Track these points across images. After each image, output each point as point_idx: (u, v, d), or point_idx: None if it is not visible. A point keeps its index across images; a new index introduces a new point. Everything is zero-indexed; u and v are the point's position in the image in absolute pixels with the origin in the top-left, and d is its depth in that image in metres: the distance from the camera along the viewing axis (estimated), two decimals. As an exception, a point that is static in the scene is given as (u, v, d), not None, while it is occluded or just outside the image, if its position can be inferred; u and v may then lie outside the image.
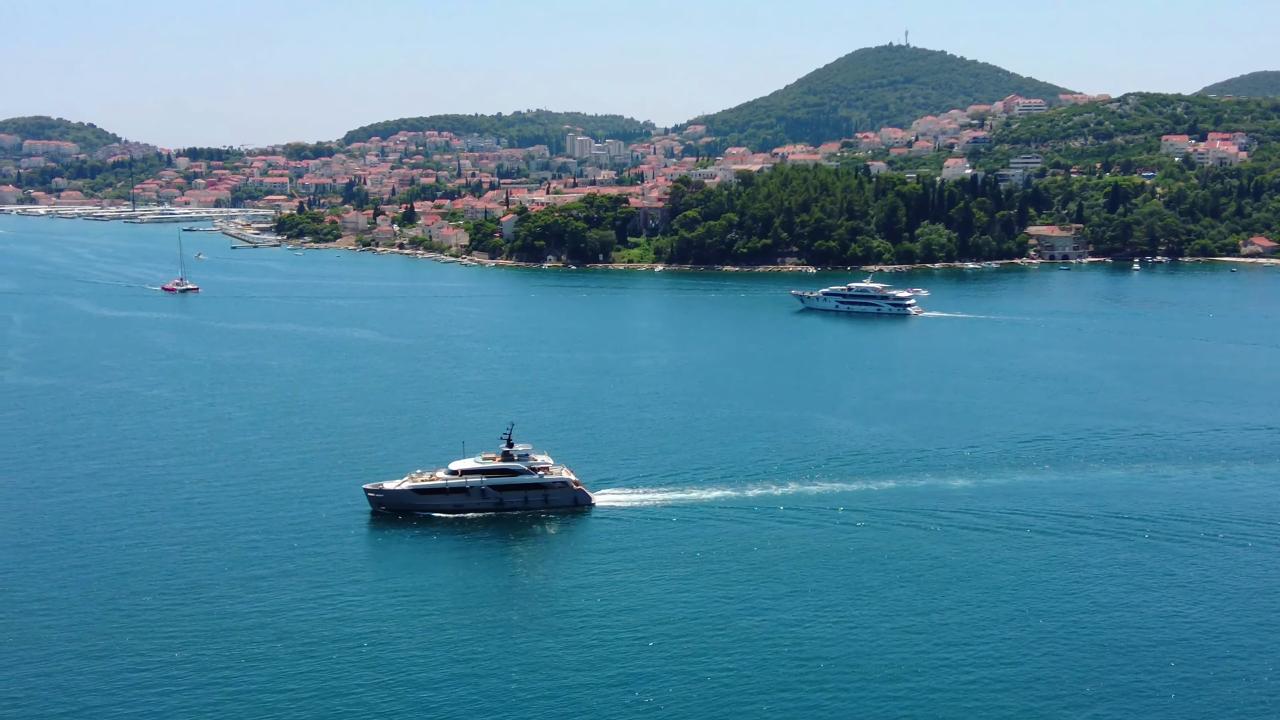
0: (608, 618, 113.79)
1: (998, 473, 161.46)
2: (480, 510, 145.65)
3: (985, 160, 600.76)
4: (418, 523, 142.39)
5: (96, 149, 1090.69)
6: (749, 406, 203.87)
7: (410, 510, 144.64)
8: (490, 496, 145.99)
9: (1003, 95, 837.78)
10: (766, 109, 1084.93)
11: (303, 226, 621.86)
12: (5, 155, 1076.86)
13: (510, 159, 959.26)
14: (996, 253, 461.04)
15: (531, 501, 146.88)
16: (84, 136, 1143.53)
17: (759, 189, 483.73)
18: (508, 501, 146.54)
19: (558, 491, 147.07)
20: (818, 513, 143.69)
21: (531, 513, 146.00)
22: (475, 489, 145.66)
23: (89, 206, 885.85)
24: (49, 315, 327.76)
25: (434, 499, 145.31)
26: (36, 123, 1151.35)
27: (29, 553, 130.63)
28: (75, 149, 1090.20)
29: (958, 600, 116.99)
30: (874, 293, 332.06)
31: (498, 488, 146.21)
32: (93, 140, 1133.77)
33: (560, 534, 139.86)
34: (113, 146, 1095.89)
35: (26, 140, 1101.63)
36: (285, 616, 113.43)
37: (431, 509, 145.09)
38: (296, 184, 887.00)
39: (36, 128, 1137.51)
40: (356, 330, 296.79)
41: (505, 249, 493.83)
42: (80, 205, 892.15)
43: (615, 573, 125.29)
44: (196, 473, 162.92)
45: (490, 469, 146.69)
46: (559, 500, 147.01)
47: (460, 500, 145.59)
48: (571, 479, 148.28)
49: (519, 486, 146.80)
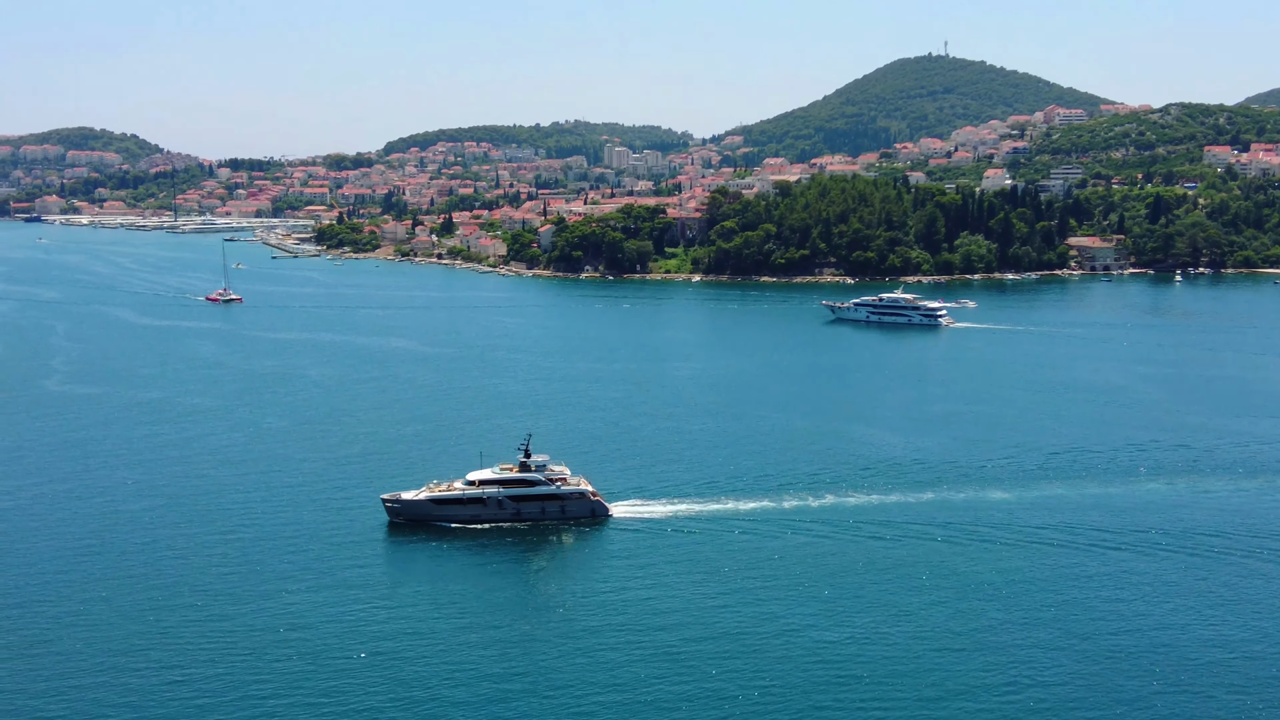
0: (629, 633, 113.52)
1: (1036, 486, 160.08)
2: (497, 521, 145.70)
3: (1025, 171, 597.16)
4: (435, 533, 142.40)
5: (139, 159, 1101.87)
6: (779, 417, 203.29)
7: (427, 520, 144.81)
8: (507, 507, 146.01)
9: (1043, 105, 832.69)
10: (805, 119, 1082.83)
11: (342, 237, 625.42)
12: (49, 166, 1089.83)
13: (548, 170, 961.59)
14: (1036, 264, 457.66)
15: (548, 512, 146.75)
16: (127, 147, 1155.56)
17: (797, 199, 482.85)
18: (525, 512, 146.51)
19: (575, 502, 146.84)
20: (848, 525, 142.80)
21: (548, 523, 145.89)
22: (492, 499, 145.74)
23: (131, 216, 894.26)
24: (91, 324, 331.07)
25: (451, 509, 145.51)
26: (80, 133, 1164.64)
27: (69, 560, 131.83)
28: (118, 159, 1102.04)
29: (996, 618, 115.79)
30: (905, 303, 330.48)
31: (515, 498, 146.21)
32: (135, 151, 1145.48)
33: (577, 545, 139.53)
34: (155, 157, 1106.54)
35: (70, 151, 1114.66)
36: (298, 627, 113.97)
37: (448, 519, 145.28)
38: (336, 194, 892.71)
39: (80, 138, 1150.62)
40: (394, 340, 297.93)
41: (543, 259, 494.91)
42: (123, 215, 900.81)
43: (630, 586, 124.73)
44: (236, 481, 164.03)
45: (507, 479, 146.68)
46: (576, 511, 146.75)
47: (477, 511, 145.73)
48: (589, 490, 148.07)
49: (536, 497, 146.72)
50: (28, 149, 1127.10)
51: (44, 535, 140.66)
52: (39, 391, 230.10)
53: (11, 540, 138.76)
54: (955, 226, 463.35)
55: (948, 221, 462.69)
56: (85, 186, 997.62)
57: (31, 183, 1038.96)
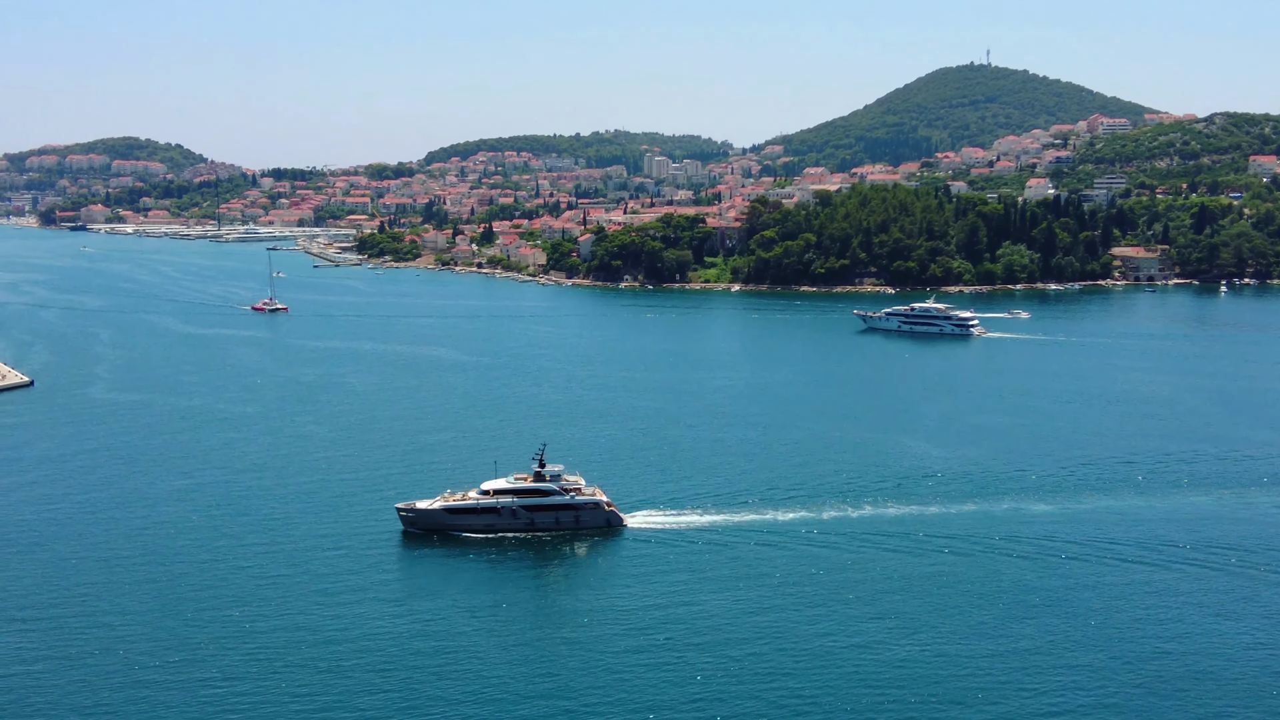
0: (634, 640, 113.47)
1: (1080, 497, 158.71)
2: (511, 530, 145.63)
3: (1068, 180, 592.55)
4: (448, 542, 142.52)
5: (183, 169, 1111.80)
6: (808, 427, 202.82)
7: (441, 530, 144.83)
8: (521, 517, 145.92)
9: (1086, 115, 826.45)
10: (845, 129, 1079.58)
11: (383, 246, 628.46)
12: (95, 175, 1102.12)
13: (588, 179, 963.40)
14: (1080, 274, 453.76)
15: (563, 522, 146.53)
16: (171, 157, 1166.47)
17: (837, 209, 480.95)
18: (539, 522, 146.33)
19: (589, 512, 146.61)
20: (898, 536, 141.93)
21: (562, 533, 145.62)
22: (506, 509, 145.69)
23: (175, 226, 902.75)
24: (136, 332, 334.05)
25: (465, 519, 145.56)
26: (125, 143, 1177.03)
27: (111, 567, 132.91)
28: (163, 169, 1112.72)
29: (1041, 628, 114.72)
30: (936, 313, 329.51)
31: (529, 508, 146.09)
32: (180, 160, 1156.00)
33: (590, 556, 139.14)
34: (199, 167, 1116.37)
35: (115, 160, 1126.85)
36: (302, 629, 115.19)
37: (462, 529, 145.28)
38: (377, 204, 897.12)
39: (125, 148, 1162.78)
40: (434, 349, 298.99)
41: (582, 269, 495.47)
42: (167, 224, 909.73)
43: (646, 597, 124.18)
44: (267, 488, 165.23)
45: (521, 489, 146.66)
46: (590, 521, 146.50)
47: (491, 520, 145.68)
48: (603, 500, 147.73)
49: (550, 507, 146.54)
50: (74, 158, 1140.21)
51: (85, 543, 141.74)
52: (83, 398, 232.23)
53: (54, 547, 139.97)
54: (997, 236, 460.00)
55: (990, 231, 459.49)
56: (130, 196, 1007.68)
57: (77, 192, 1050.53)
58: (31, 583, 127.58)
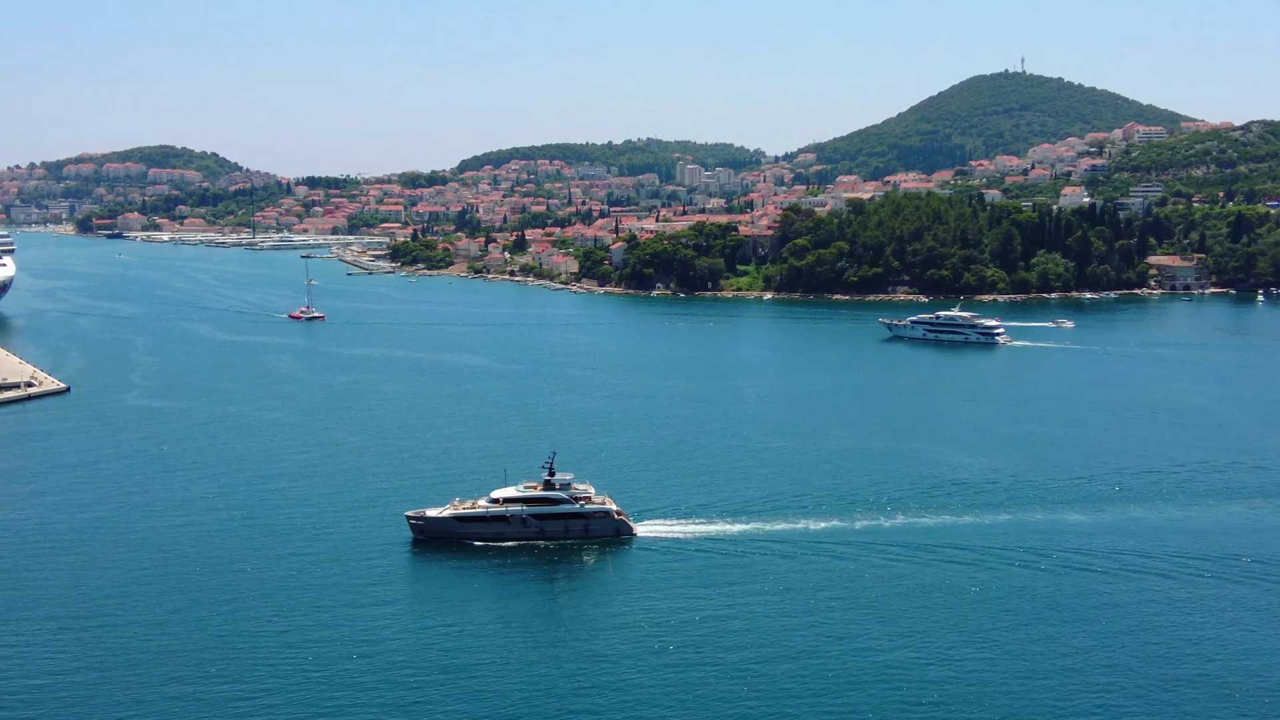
0: (639, 648, 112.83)
1: (1114, 508, 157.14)
2: (520, 539, 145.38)
3: (1104, 188, 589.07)
4: (457, 550, 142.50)
5: (219, 177, 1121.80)
6: (831, 436, 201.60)
7: (451, 538, 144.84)
8: (530, 525, 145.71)
9: (1122, 123, 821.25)
10: (879, 137, 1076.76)
11: (416, 253, 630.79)
12: (131, 183, 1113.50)
13: (620, 187, 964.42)
14: (1115, 283, 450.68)
15: (572, 530, 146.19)
16: (207, 165, 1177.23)
17: (870, 217, 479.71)
18: (548, 530, 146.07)
19: (599, 521, 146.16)
20: (930, 548, 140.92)
21: (572, 542, 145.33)
22: (515, 517, 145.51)
23: (211, 233, 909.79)
24: (172, 340, 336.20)
25: (474, 527, 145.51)
26: (162, 152, 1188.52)
27: (145, 575, 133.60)
28: (198, 177, 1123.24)
29: (1075, 644, 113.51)
30: (962, 321, 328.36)
31: (538, 516, 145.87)
32: (215, 169, 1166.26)
33: (599, 564, 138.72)
34: (234, 175, 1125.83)
35: (152, 169, 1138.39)
36: (311, 642, 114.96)
37: (472, 537, 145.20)
38: (411, 212, 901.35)
39: (162, 156, 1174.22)
40: (467, 356, 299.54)
41: (614, 276, 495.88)
42: (202, 232, 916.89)
43: (655, 607, 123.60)
44: (301, 495, 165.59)
45: (531, 498, 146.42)
46: (600, 530, 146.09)
47: (500, 528, 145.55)
48: (613, 508, 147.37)
49: (559, 515, 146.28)
50: (111, 167, 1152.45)
51: (118, 549, 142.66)
52: (118, 405, 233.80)
53: (88, 552, 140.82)
54: (1032, 245, 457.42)
55: (1024, 239, 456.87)
56: (166, 204, 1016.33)
57: (114, 200, 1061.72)
58: (64, 588, 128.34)
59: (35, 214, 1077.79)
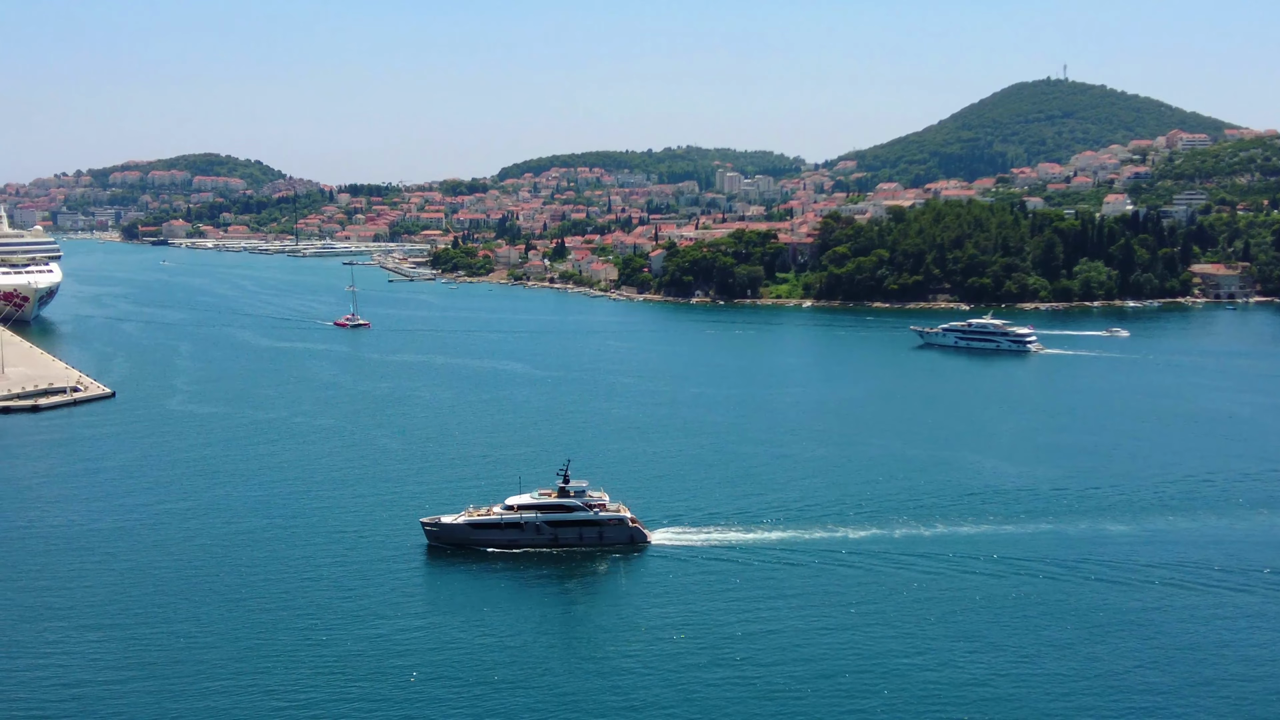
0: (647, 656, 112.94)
1: (1157, 517, 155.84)
2: (535, 546, 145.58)
3: (1147, 196, 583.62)
4: (471, 557, 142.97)
5: (262, 185, 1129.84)
6: (872, 443, 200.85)
7: (465, 545, 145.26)
8: (544, 532, 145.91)
9: (1165, 130, 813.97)
10: (919, 144, 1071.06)
11: (457, 261, 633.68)
12: (176, 191, 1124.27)
13: (660, 194, 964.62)
14: (1158, 291, 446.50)
15: (586, 538, 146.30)
16: (251, 173, 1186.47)
17: (910, 224, 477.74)
18: (562, 537, 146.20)
19: (613, 528, 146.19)
20: (971, 558, 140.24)
21: (586, 549, 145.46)
22: (530, 524, 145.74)
23: (254, 240, 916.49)
24: (216, 346, 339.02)
25: (488, 534, 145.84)
26: (206, 159, 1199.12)
27: (188, 578, 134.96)
28: (242, 185, 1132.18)
29: (1117, 651, 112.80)
30: (993, 329, 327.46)
31: (552, 524, 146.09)
32: (259, 176, 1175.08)
33: (613, 572, 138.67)
34: (278, 183, 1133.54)
35: (196, 176, 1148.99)
36: (325, 644, 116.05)
37: (486, 544, 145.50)
38: (452, 219, 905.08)
39: (206, 164, 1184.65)
40: (506, 363, 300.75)
41: (654, 284, 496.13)
42: (246, 239, 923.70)
43: (669, 615, 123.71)
44: (350, 501, 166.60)
45: (545, 505, 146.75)
46: (614, 537, 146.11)
47: (515, 536, 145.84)
48: (628, 516, 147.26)
49: (574, 523, 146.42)
50: (156, 174, 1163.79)
51: (160, 553, 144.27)
52: (162, 410, 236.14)
53: (131, 557, 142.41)
54: (1074, 253, 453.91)
55: (1066, 247, 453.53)
56: (210, 211, 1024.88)
57: (159, 207, 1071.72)
58: (105, 591, 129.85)
59: (81, 221, 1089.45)
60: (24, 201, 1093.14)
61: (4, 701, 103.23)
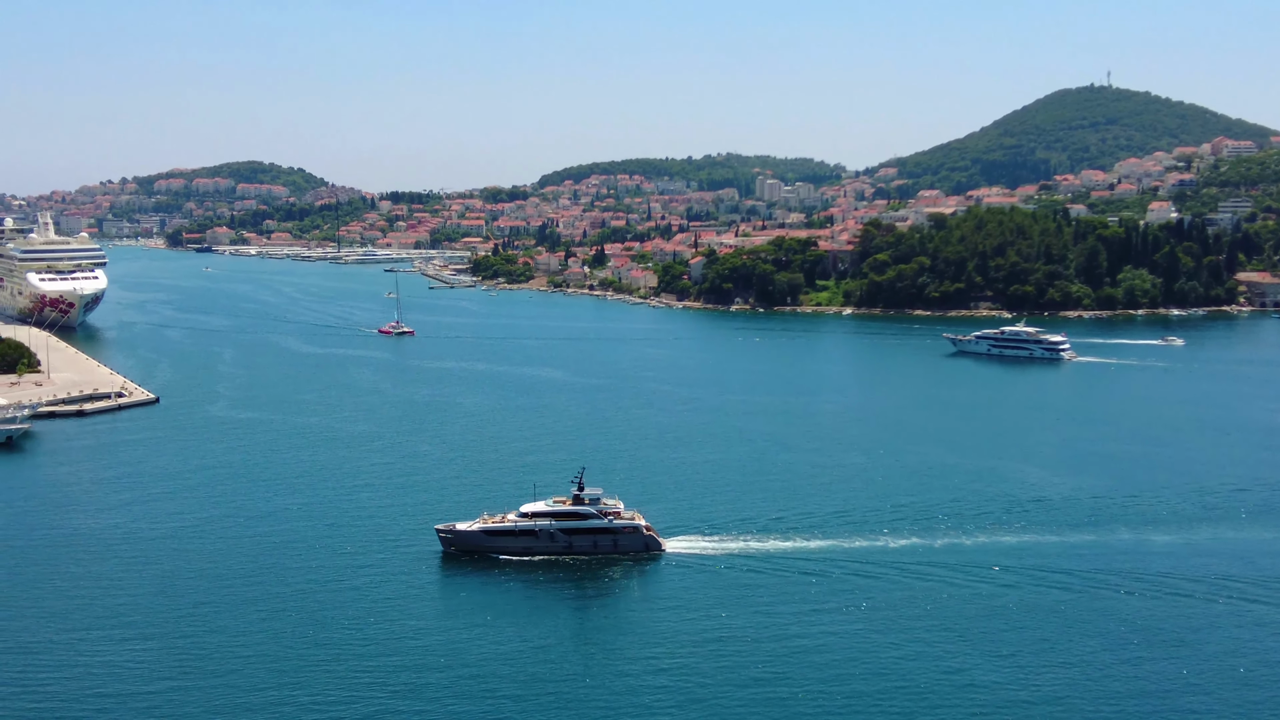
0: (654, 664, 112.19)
1: (1201, 529, 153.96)
2: (549, 553, 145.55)
3: (1191, 204, 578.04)
4: (485, 564, 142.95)
5: (305, 192, 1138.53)
6: (910, 452, 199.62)
7: (479, 551, 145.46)
8: (559, 540, 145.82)
9: (1210, 137, 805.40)
10: (961, 151, 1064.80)
11: (497, 268, 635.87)
12: (220, 198, 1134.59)
13: (699, 202, 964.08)
14: (1203, 299, 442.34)
15: (600, 545, 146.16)
16: (294, 180, 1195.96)
17: (952, 232, 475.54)
18: (576, 545, 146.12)
19: (627, 536, 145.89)
20: (996, 568, 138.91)
21: (600, 557, 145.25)
22: (544, 532, 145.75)
23: (297, 247, 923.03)
24: (259, 352, 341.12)
25: (503, 541, 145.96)
26: (250, 167, 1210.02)
27: (226, 583, 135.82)
28: (285, 192, 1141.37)
29: (1160, 668, 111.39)
30: (1026, 336, 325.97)
31: (566, 531, 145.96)
32: (302, 184, 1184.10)
33: (628, 580, 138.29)
34: (320, 190, 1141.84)
35: (240, 184, 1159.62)
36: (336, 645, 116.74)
37: (500, 550, 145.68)
38: (492, 226, 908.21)
39: (250, 172, 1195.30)
40: (546, 370, 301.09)
41: (693, 291, 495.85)
42: (288, 246, 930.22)
43: (683, 623, 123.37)
44: (389, 507, 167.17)
45: (560, 512, 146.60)
46: (629, 545, 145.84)
47: (529, 543, 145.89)
48: (642, 524, 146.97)
49: (588, 530, 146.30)
50: (200, 182, 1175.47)
51: (201, 558, 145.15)
52: (205, 416, 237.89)
53: (171, 562, 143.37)
54: (1118, 260, 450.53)
55: (1110, 255, 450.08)
56: (254, 218, 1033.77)
57: (203, 214, 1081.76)
58: (149, 597, 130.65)
59: (127, 228, 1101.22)
60: (70, 209, 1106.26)
61: (42, 707, 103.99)
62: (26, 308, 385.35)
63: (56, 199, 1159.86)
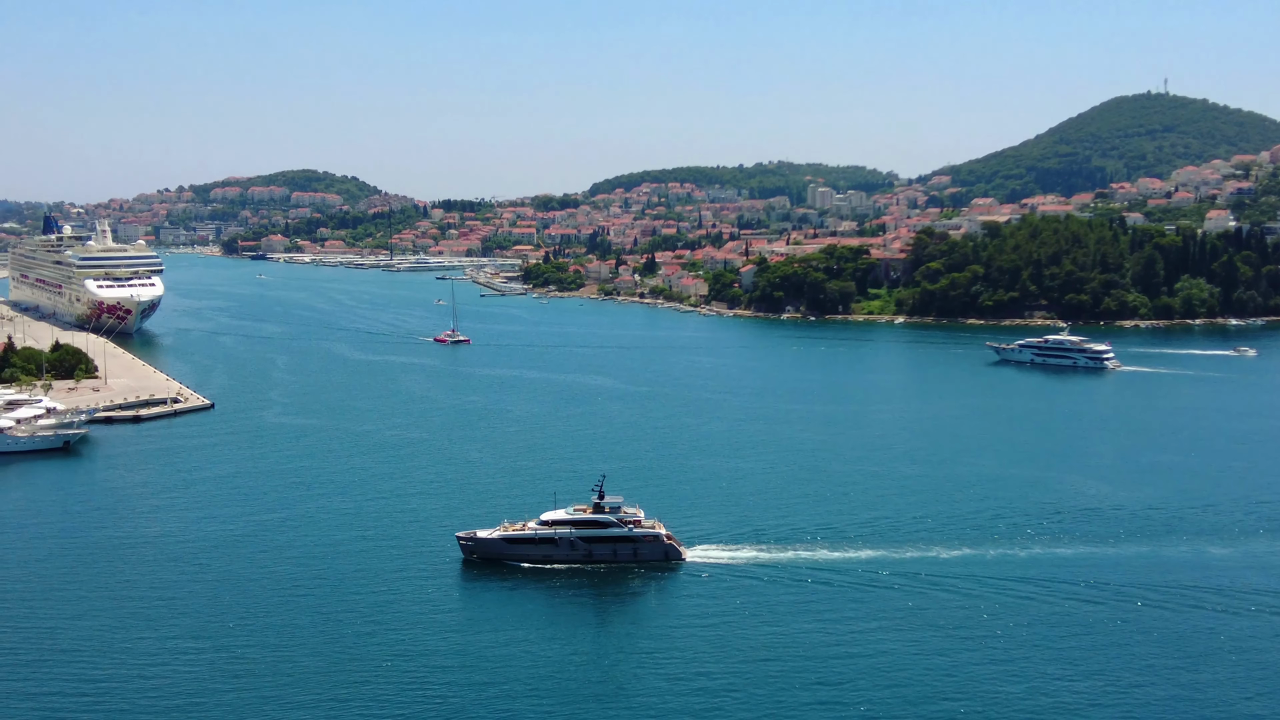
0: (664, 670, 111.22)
1: (1257, 542, 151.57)
2: (569, 561, 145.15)
3: (1250, 212, 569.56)
4: (505, 572, 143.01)
5: (358, 200, 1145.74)
6: (958, 461, 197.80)
7: (500, 559, 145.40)
8: (579, 548, 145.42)
9: (1269, 145, 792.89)
10: (1015, 159, 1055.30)
11: (548, 275, 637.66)
12: (275, 206, 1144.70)
13: (750, 210, 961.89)
14: (1262, 309, 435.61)
15: (620, 554, 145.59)
16: (347, 189, 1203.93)
17: (1006, 240, 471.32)
18: (596, 553, 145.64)
19: (648, 545, 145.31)
20: (1049, 581, 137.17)
21: (620, 565, 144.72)
22: (564, 540, 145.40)
23: (350, 255, 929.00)
24: (312, 359, 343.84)
25: (523, 549, 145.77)
26: (304, 175, 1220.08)
27: (278, 590, 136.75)
28: (339, 200, 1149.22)
29: (1222, 686, 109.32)
30: (1070, 345, 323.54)
31: (587, 539, 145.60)
32: (355, 192, 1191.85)
33: (647, 589, 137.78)
34: (373, 198, 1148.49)
35: (295, 192, 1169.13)
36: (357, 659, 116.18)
37: (520, 559, 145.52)
38: (543, 234, 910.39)
39: (304, 180, 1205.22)
40: (595, 377, 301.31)
41: (744, 299, 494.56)
42: (342, 254, 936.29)
43: (699, 632, 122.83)
44: (419, 514, 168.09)
45: (580, 520, 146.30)
46: (649, 554, 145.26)
47: (549, 551, 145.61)
48: (663, 533, 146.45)
49: (608, 539, 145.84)
50: (255, 190, 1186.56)
51: (254, 564, 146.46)
52: (259, 421, 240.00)
53: (225, 567, 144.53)
54: (1175, 269, 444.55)
55: (1167, 264, 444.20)
56: (308, 226, 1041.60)
57: (258, 222, 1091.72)
58: (201, 603, 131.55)
59: (183, 235, 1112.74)
60: (127, 216, 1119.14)
61: (98, 711, 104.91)
62: (84, 314, 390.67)
63: (114, 207, 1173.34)
